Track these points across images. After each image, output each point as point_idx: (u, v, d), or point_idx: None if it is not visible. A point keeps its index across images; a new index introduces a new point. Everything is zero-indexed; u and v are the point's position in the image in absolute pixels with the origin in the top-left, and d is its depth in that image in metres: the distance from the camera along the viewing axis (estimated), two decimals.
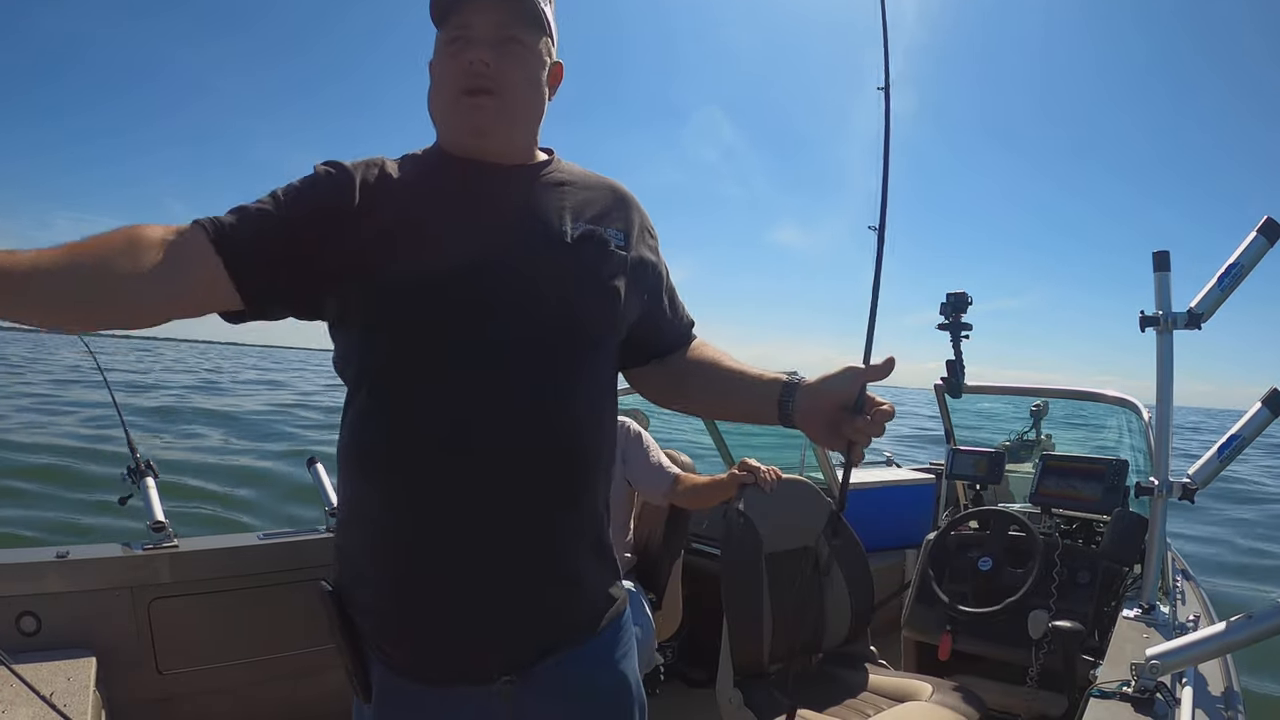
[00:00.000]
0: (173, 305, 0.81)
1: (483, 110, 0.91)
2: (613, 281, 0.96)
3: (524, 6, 0.91)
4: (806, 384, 0.96)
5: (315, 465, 2.49)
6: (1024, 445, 3.37)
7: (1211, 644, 1.29)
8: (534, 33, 0.93)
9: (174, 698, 1.94)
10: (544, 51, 0.95)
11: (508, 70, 0.91)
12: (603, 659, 0.99)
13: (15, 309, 0.70)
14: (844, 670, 2.13)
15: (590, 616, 0.97)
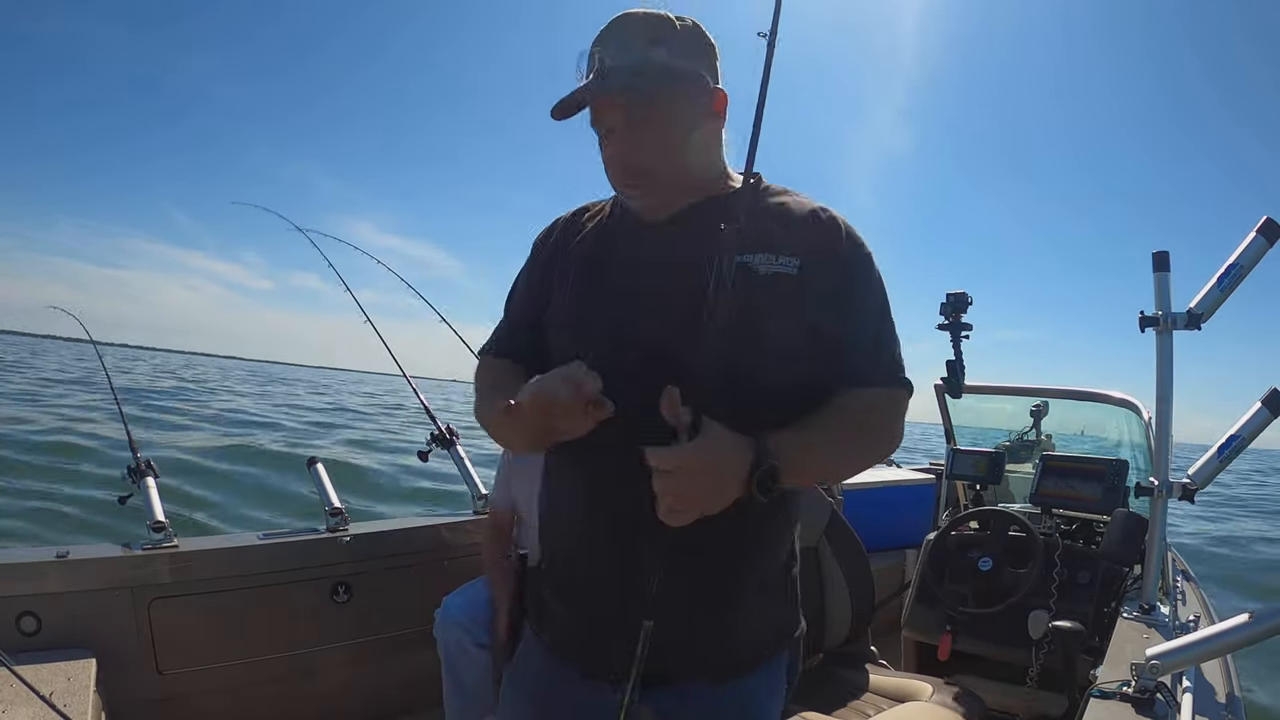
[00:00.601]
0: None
1: (640, 192, 1.01)
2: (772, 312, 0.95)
3: (638, 83, 0.94)
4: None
5: (315, 465, 2.49)
6: (1024, 445, 3.37)
7: (1211, 644, 1.29)
8: (661, 94, 0.96)
9: (174, 698, 1.94)
10: (685, 98, 0.97)
11: (645, 147, 0.97)
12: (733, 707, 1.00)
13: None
14: (844, 670, 2.13)
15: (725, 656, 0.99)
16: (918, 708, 1.88)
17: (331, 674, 2.20)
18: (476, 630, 2.00)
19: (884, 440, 0.99)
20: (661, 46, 0.95)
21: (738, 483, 0.83)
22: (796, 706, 1.89)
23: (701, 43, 0.99)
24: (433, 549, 2.40)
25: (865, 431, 0.97)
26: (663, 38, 0.96)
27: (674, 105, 0.96)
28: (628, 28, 0.96)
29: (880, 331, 0.99)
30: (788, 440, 0.88)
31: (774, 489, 0.84)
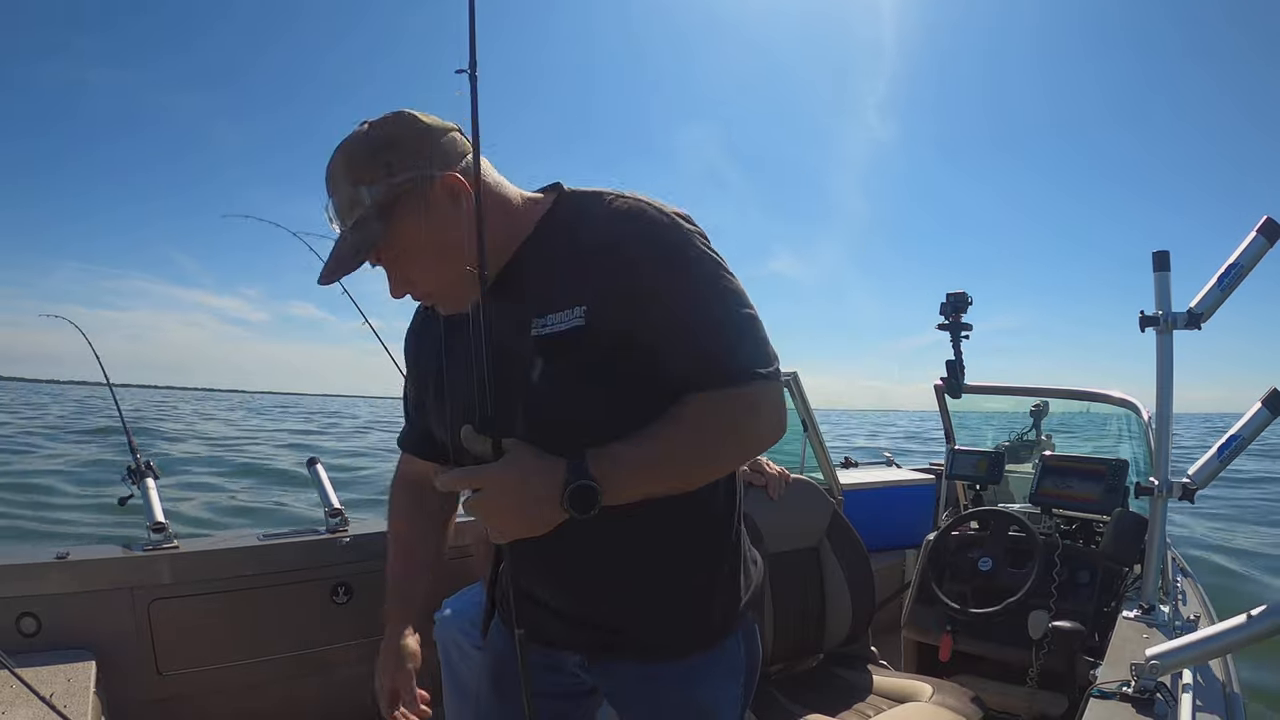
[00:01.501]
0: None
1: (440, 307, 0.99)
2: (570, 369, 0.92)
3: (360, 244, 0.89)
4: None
5: (316, 465, 2.49)
6: (1024, 445, 3.37)
7: (1212, 644, 1.29)
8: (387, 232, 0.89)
9: (174, 698, 1.94)
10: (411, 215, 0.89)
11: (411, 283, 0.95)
12: (672, 685, 1.06)
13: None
14: (845, 671, 2.13)
15: (654, 638, 1.04)
16: (918, 708, 1.88)
17: (332, 674, 2.20)
18: (474, 633, 2.00)
19: (738, 442, 0.92)
20: (362, 185, 0.88)
21: (550, 503, 0.82)
22: (796, 706, 1.89)
23: (406, 141, 0.89)
24: None
25: (716, 441, 0.90)
26: (362, 173, 0.89)
27: (405, 228, 0.89)
28: (336, 171, 0.91)
29: (713, 328, 0.89)
30: (614, 456, 0.84)
31: (591, 508, 0.82)
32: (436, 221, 0.90)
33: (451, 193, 0.90)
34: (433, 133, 0.91)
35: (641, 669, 1.06)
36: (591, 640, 1.07)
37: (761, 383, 0.90)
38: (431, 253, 0.91)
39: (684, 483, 0.92)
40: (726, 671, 1.09)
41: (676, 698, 1.06)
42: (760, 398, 0.90)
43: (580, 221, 0.94)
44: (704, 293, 0.90)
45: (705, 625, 1.06)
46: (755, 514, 2.02)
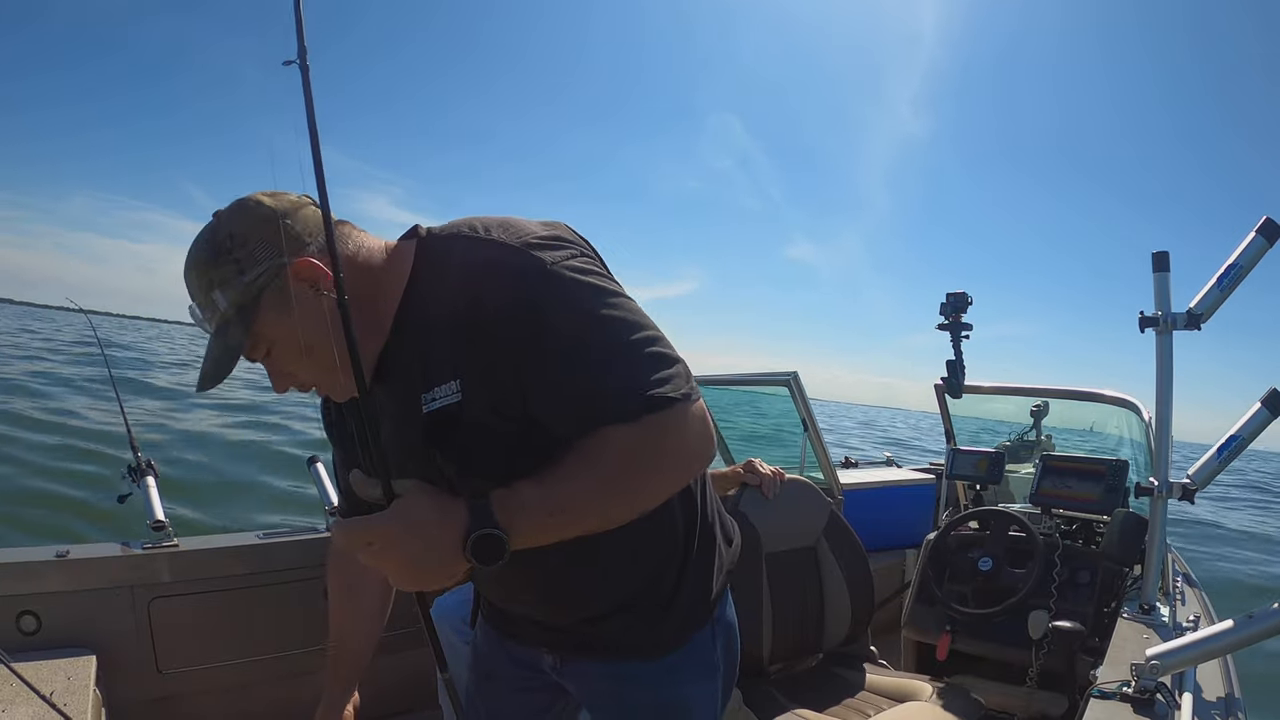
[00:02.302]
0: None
1: (328, 396, 0.94)
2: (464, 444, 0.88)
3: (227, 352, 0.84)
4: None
5: (316, 465, 2.49)
6: (1024, 445, 3.37)
7: (1212, 644, 1.29)
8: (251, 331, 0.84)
9: (174, 697, 1.94)
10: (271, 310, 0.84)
11: (291, 377, 0.90)
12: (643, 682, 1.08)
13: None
14: (844, 670, 2.13)
15: (626, 640, 1.06)
16: (917, 708, 1.88)
17: None
18: (467, 630, 2.01)
19: (665, 470, 0.83)
20: (215, 290, 0.83)
21: (449, 552, 0.73)
22: (796, 706, 1.89)
23: (250, 235, 0.83)
24: None
25: (628, 472, 0.80)
26: (214, 278, 0.83)
27: (269, 328, 0.84)
28: (189, 280, 0.86)
29: (596, 368, 0.80)
30: (522, 500, 0.76)
31: (499, 558, 0.74)
32: (301, 313, 0.83)
33: (310, 279, 0.83)
34: (278, 218, 0.83)
35: (612, 668, 1.08)
36: (563, 642, 1.10)
37: (665, 409, 0.79)
38: (300, 347, 0.84)
39: (604, 522, 0.82)
40: (699, 668, 1.09)
41: (647, 697, 1.07)
42: (670, 423, 0.80)
43: (441, 280, 0.86)
44: (578, 334, 0.80)
45: (674, 623, 1.06)
46: (752, 514, 2.02)
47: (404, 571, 0.75)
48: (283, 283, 0.83)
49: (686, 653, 1.07)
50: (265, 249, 0.83)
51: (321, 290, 0.83)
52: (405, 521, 0.74)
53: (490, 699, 1.23)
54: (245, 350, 0.85)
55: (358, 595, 1.24)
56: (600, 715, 1.13)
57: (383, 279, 0.89)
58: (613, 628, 1.04)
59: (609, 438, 0.79)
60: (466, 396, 0.85)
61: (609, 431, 0.79)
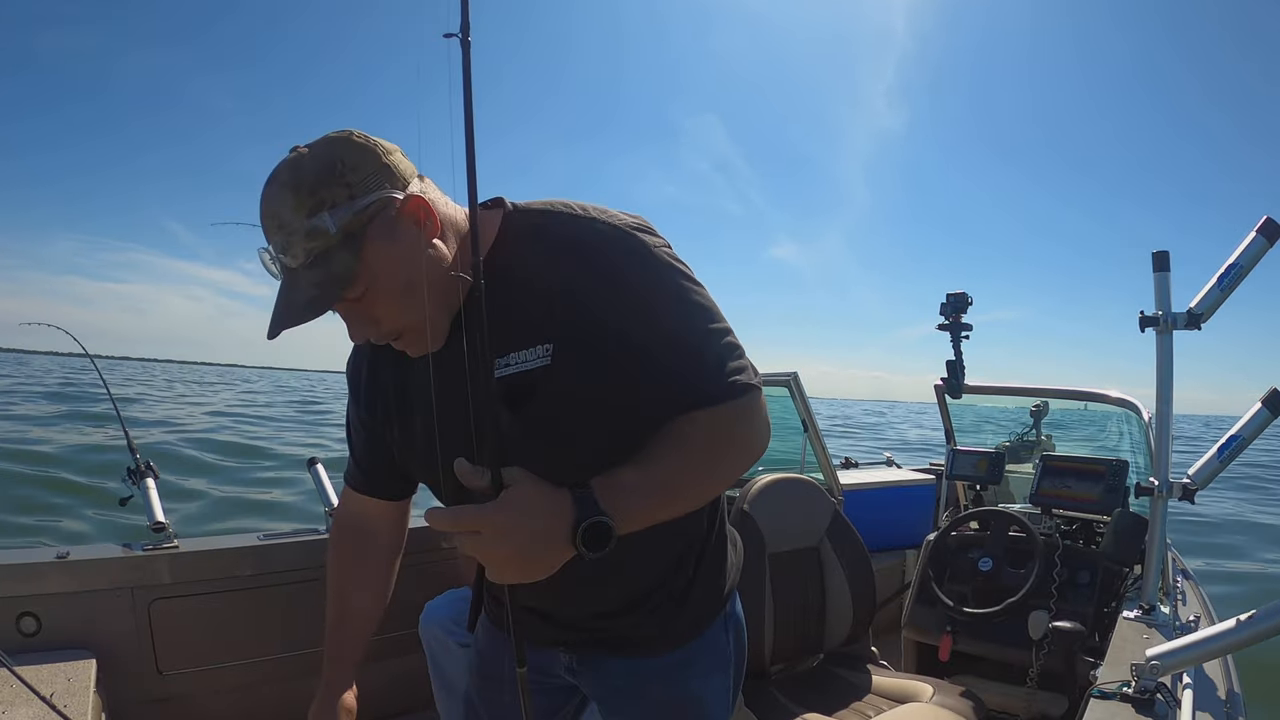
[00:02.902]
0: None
1: (407, 348, 0.91)
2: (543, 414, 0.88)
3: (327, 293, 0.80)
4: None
5: (316, 465, 2.49)
6: (1024, 445, 3.37)
7: (1212, 644, 1.29)
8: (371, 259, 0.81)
9: (174, 698, 1.94)
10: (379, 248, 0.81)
11: (377, 322, 0.86)
12: (659, 676, 1.07)
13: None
14: (845, 671, 2.13)
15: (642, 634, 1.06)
16: (918, 708, 1.88)
17: None
18: (459, 631, 2.02)
19: (738, 458, 0.88)
20: (323, 213, 0.78)
21: (556, 545, 0.73)
22: (797, 706, 1.89)
23: (361, 162, 0.80)
24: (431, 549, 2.40)
25: (711, 457, 0.84)
26: (321, 200, 0.78)
27: (378, 260, 0.81)
28: (281, 205, 0.79)
29: (686, 351, 0.85)
30: (622, 485, 0.77)
31: (606, 545, 0.74)
32: (405, 250, 0.81)
33: (416, 218, 0.82)
34: (386, 152, 0.82)
35: (628, 664, 1.07)
36: (578, 640, 1.09)
37: (745, 395, 0.86)
38: (400, 286, 0.82)
39: (694, 503, 0.87)
40: (713, 661, 1.10)
41: (663, 692, 1.07)
42: (748, 409, 0.86)
43: (530, 250, 0.87)
44: (669, 316, 0.85)
45: (689, 617, 1.06)
46: (758, 514, 2.02)
47: (511, 563, 0.73)
48: (392, 214, 0.81)
49: (699, 646, 1.08)
50: (376, 179, 0.80)
51: (424, 232, 0.82)
52: (517, 511, 0.71)
53: (493, 703, 1.18)
54: (351, 285, 0.80)
55: (365, 565, 1.18)
56: (616, 713, 1.12)
57: (466, 241, 0.88)
58: (629, 622, 1.04)
59: (695, 419, 0.83)
60: (555, 363, 0.85)
61: (697, 414, 0.83)
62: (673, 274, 0.87)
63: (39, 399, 16.85)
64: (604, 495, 0.75)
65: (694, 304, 0.87)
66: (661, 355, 0.84)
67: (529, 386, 0.86)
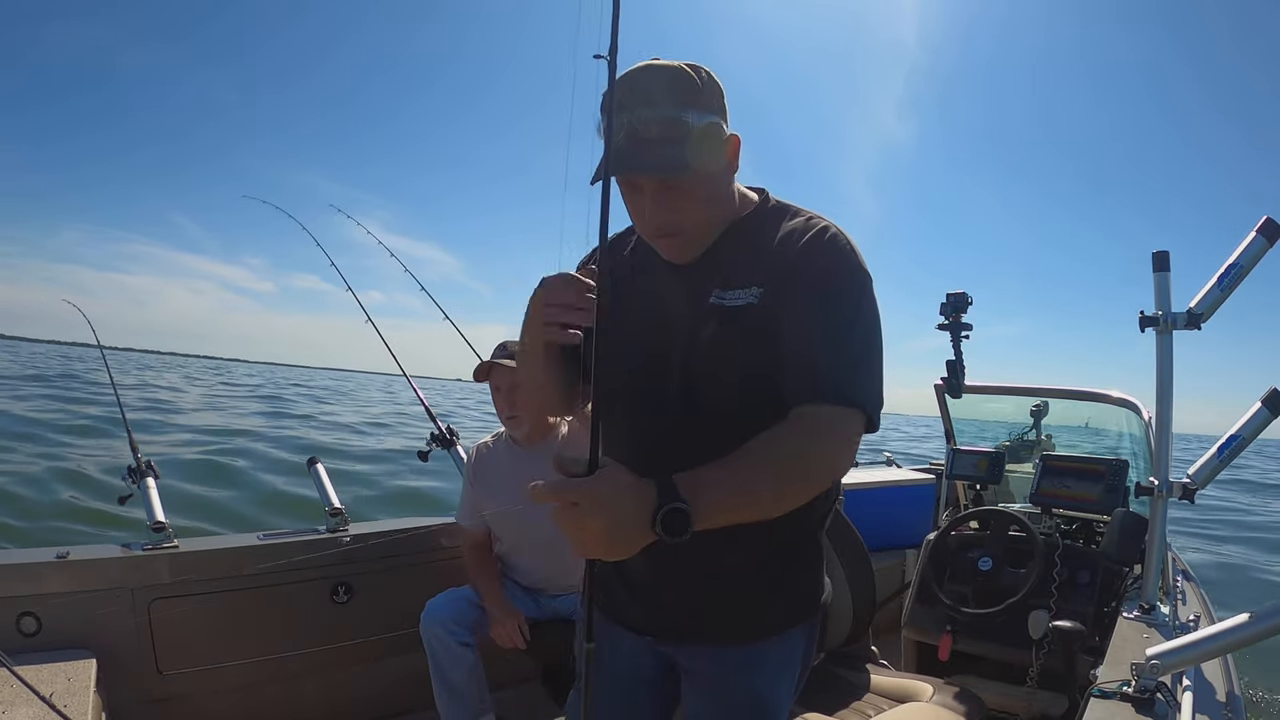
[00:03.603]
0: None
1: (669, 246, 1.06)
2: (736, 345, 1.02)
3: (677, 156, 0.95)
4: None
5: (316, 465, 2.49)
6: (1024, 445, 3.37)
7: (1212, 644, 1.29)
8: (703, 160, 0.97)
9: (174, 698, 1.94)
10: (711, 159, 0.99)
11: (671, 215, 1.01)
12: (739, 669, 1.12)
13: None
14: (845, 670, 2.13)
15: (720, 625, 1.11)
16: (918, 708, 1.88)
17: (332, 674, 2.21)
18: (460, 630, 2.03)
19: (821, 462, 0.93)
20: (690, 109, 0.95)
21: (639, 525, 0.80)
22: (797, 707, 1.89)
23: (719, 94, 1.00)
24: (433, 549, 2.40)
25: (799, 455, 0.91)
26: (690, 99, 0.96)
27: (702, 168, 0.98)
28: (656, 88, 0.95)
29: (842, 350, 0.95)
30: (704, 479, 0.84)
31: (683, 532, 0.81)
32: (721, 170, 1.01)
33: (735, 151, 1.02)
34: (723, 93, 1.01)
35: (710, 652, 1.13)
36: (666, 625, 1.14)
37: (849, 407, 0.93)
38: (706, 197, 1.01)
39: (772, 507, 0.90)
40: (784, 664, 1.14)
41: (736, 684, 1.12)
42: (844, 422, 0.93)
43: (778, 224, 1.04)
44: (850, 317, 0.97)
45: (775, 615, 1.12)
46: None
47: (600, 537, 0.79)
48: (721, 141, 1.00)
49: (777, 645, 1.13)
50: (721, 109, 1.00)
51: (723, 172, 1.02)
52: (612, 488, 0.79)
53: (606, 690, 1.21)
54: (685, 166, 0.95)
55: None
56: (698, 694, 1.16)
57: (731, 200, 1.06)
58: (719, 607, 1.10)
59: (804, 413, 0.93)
60: (761, 303, 1.00)
61: (805, 408, 0.93)
62: (860, 293, 0.99)
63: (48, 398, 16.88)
64: (685, 487, 0.83)
65: (857, 319, 0.98)
66: (807, 336, 0.96)
67: (733, 317, 1.01)
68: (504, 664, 2.13)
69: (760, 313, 1.00)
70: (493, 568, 2.22)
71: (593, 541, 0.80)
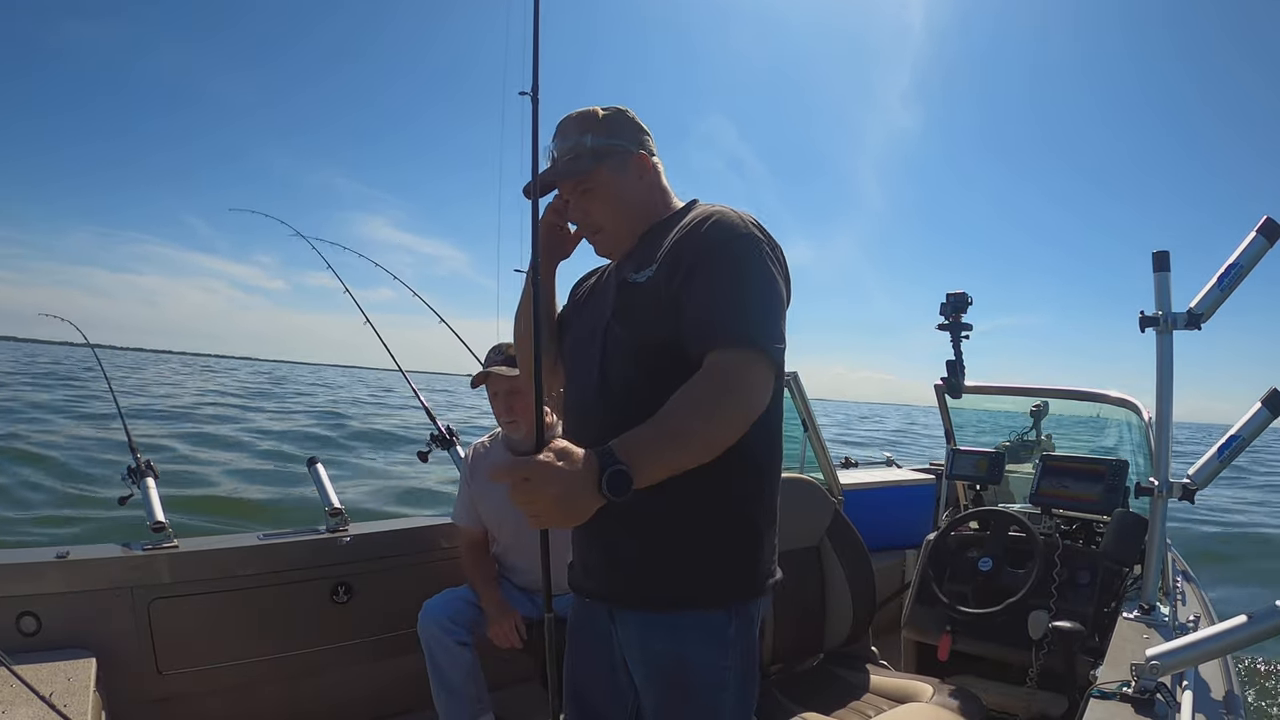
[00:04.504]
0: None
1: (597, 243, 1.32)
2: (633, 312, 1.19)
3: (574, 167, 1.23)
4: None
5: (315, 465, 2.49)
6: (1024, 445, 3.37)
7: (1211, 644, 1.29)
8: (593, 170, 1.22)
9: (174, 698, 1.94)
10: (612, 168, 1.23)
11: (589, 213, 1.27)
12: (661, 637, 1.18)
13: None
14: (845, 670, 2.13)
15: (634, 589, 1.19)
16: (918, 708, 1.88)
17: (332, 673, 2.21)
18: (457, 630, 2.03)
19: (735, 403, 1.03)
20: (588, 135, 1.22)
21: (587, 490, 0.90)
22: (797, 706, 1.89)
23: (622, 123, 1.25)
24: (432, 549, 2.40)
25: (713, 396, 1.02)
26: (590, 128, 1.23)
27: (605, 175, 1.23)
28: (568, 124, 1.25)
29: (735, 304, 1.09)
30: (636, 438, 0.96)
31: (627, 490, 0.91)
32: (624, 179, 1.24)
33: (640, 167, 1.26)
34: (638, 126, 1.27)
35: (635, 617, 1.21)
36: (609, 588, 1.23)
37: (750, 348, 1.06)
38: (611, 198, 1.24)
39: (704, 448, 1.00)
40: (710, 638, 1.17)
41: (656, 646, 1.18)
42: (749, 362, 1.05)
43: (685, 216, 1.22)
44: (733, 275, 1.10)
45: (690, 587, 1.16)
46: None
47: (552, 505, 0.90)
48: (627, 158, 1.24)
49: (699, 619, 1.16)
50: (627, 136, 1.25)
51: (643, 179, 1.26)
52: (556, 459, 0.90)
53: (584, 662, 1.33)
54: (582, 176, 1.22)
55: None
56: (634, 670, 1.23)
57: (659, 202, 1.29)
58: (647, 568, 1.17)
59: (709, 361, 1.05)
60: (654, 277, 1.16)
61: (710, 355, 1.05)
62: (753, 256, 1.12)
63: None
64: (621, 450, 0.93)
65: (754, 276, 1.11)
66: (700, 297, 1.10)
67: (632, 292, 1.18)
68: (502, 663, 2.13)
69: (653, 285, 1.15)
70: (489, 567, 2.22)
71: (547, 510, 0.91)
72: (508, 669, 2.24)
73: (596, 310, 1.29)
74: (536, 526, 0.96)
